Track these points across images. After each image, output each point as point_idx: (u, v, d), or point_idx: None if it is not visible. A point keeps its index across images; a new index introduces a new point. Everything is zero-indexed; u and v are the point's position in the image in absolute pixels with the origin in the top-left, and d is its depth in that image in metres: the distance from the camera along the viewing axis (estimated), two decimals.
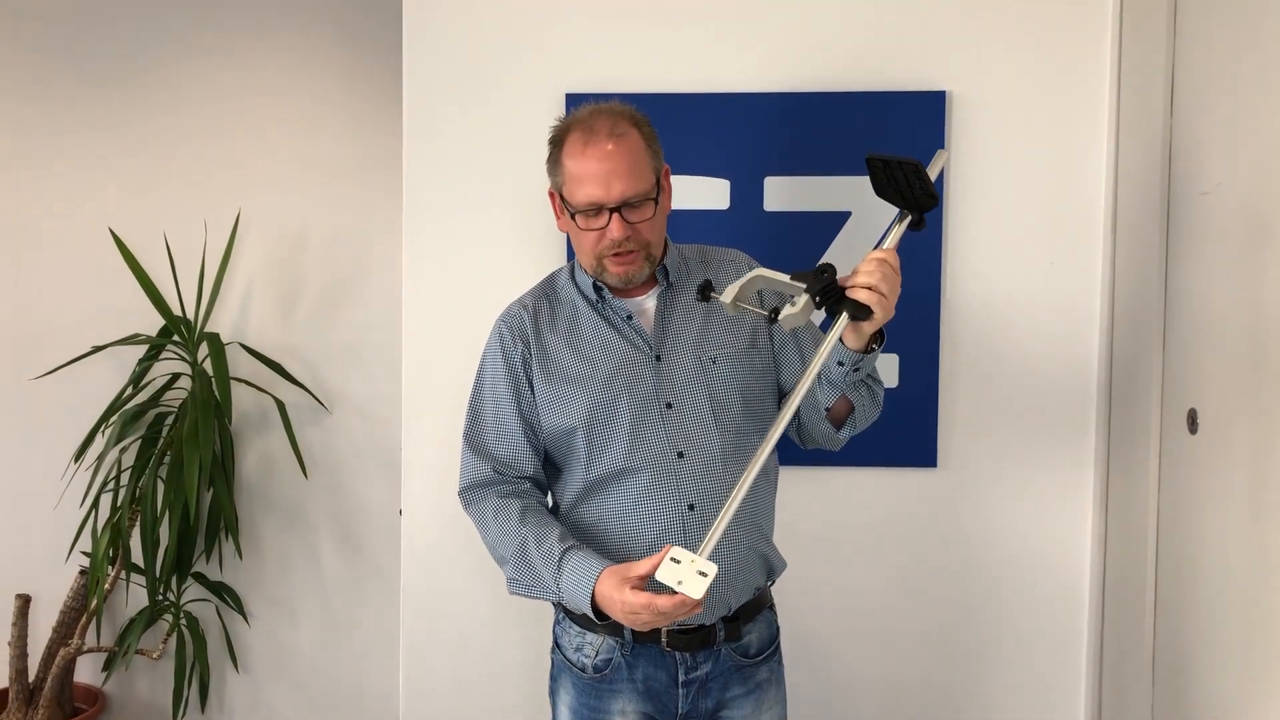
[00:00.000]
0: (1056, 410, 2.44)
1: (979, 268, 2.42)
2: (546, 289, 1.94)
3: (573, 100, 2.38)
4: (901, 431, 2.40)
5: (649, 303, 1.85)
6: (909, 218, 1.68)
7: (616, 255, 1.77)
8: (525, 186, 2.43)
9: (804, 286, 1.57)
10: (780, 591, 1.99)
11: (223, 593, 3.38)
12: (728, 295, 1.63)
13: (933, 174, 1.67)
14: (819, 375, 1.72)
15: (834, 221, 2.40)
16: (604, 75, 2.41)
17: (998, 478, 2.45)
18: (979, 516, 2.47)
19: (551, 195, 1.86)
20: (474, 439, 1.90)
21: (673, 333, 1.83)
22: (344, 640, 3.43)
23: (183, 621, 3.29)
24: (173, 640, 3.28)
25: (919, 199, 1.65)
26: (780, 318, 1.59)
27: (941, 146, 2.37)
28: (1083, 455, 2.44)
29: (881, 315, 1.59)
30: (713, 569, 1.53)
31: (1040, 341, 2.43)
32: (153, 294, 3.21)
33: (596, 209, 1.75)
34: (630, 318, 1.84)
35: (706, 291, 1.67)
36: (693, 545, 1.73)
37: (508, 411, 1.87)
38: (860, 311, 1.57)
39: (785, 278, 1.61)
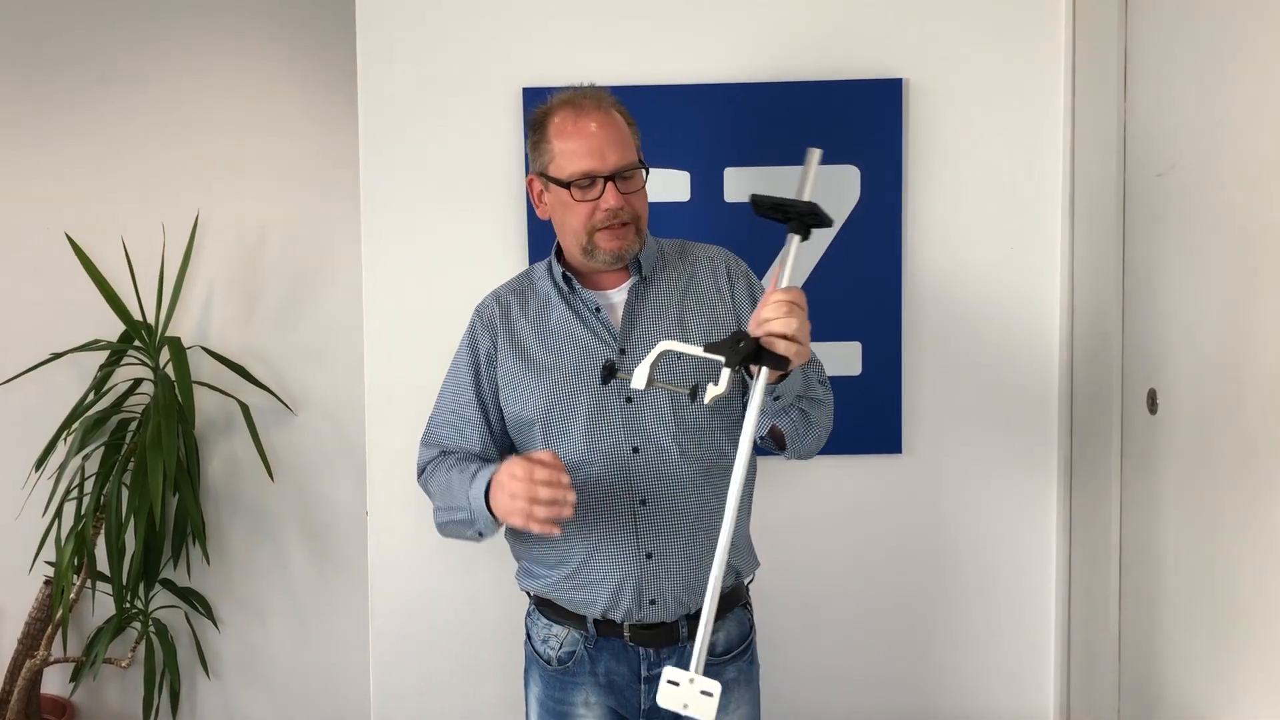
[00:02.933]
0: (1019, 394, 2.45)
1: (939, 254, 2.43)
2: (524, 280, 1.93)
3: (530, 95, 2.38)
4: (866, 419, 2.42)
5: (619, 296, 1.84)
6: (797, 238, 1.58)
7: (610, 229, 1.75)
8: (484, 183, 2.42)
9: (722, 360, 1.50)
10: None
11: (191, 598, 3.34)
12: (639, 379, 1.54)
13: (809, 177, 1.61)
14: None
15: None
16: (561, 69, 2.39)
17: (963, 462, 2.47)
18: (945, 501, 2.48)
19: (530, 182, 1.84)
20: (427, 434, 1.93)
21: (641, 327, 1.81)
22: (315, 643, 3.40)
23: (151, 629, 3.25)
24: (141, 648, 3.23)
25: (807, 221, 1.57)
26: (707, 399, 1.53)
27: (899, 133, 2.38)
28: (1046, 438, 2.46)
29: (800, 360, 1.54)
30: (716, 688, 1.47)
31: (1002, 326, 2.44)
32: (112, 299, 3.16)
33: (590, 179, 1.74)
34: (599, 310, 1.82)
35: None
36: (645, 541, 1.75)
37: (466, 398, 1.87)
38: (780, 363, 1.52)
39: (698, 350, 1.52)
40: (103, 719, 3.43)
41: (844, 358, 2.42)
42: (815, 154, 1.56)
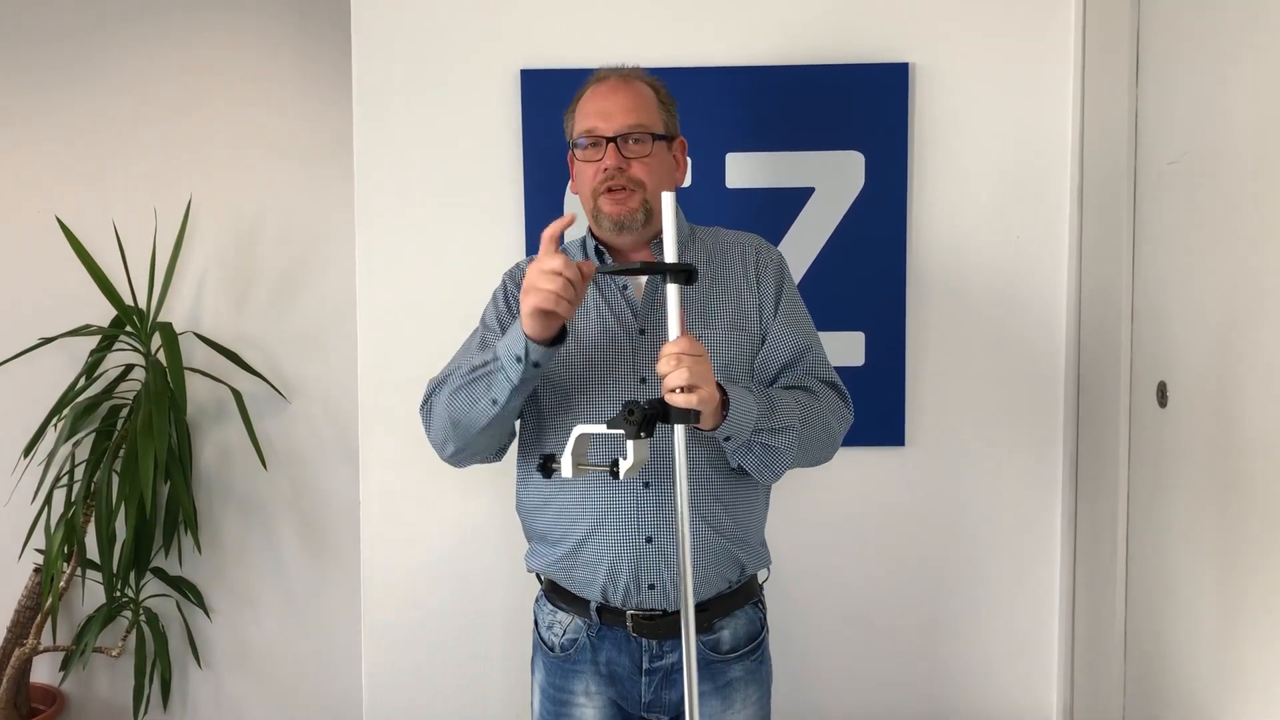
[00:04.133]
0: (1025, 385, 2.42)
1: (944, 243, 2.39)
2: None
3: (528, 77, 2.35)
4: (869, 410, 2.37)
5: (643, 278, 1.81)
6: (675, 287, 1.54)
7: (611, 193, 1.73)
8: (482, 168, 2.39)
9: (621, 433, 1.52)
10: None
11: (183, 587, 3.30)
12: (565, 469, 1.59)
13: (670, 225, 1.53)
14: None
15: (797, 198, 2.37)
16: (560, 51, 2.35)
17: (967, 455, 2.44)
18: (949, 494, 2.45)
19: (571, 159, 1.83)
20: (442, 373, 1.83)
21: (662, 309, 1.76)
22: (308, 633, 3.36)
23: (142, 618, 3.22)
24: (132, 637, 3.20)
25: (687, 270, 1.54)
26: (621, 473, 1.56)
27: (904, 119, 2.35)
28: (1052, 430, 2.43)
29: (705, 405, 1.53)
30: None
31: (1007, 316, 2.41)
32: (103, 283, 3.12)
33: (593, 139, 1.74)
34: (625, 288, 1.80)
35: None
36: (645, 525, 1.73)
37: (492, 339, 1.79)
38: (689, 417, 1.52)
39: (602, 428, 1.57)
40: (93, 708, 3.40)
41: (847, 348, 2.39)
42: (669, 198, 1.52)
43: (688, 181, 2.35)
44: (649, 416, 1.51)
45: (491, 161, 2.39)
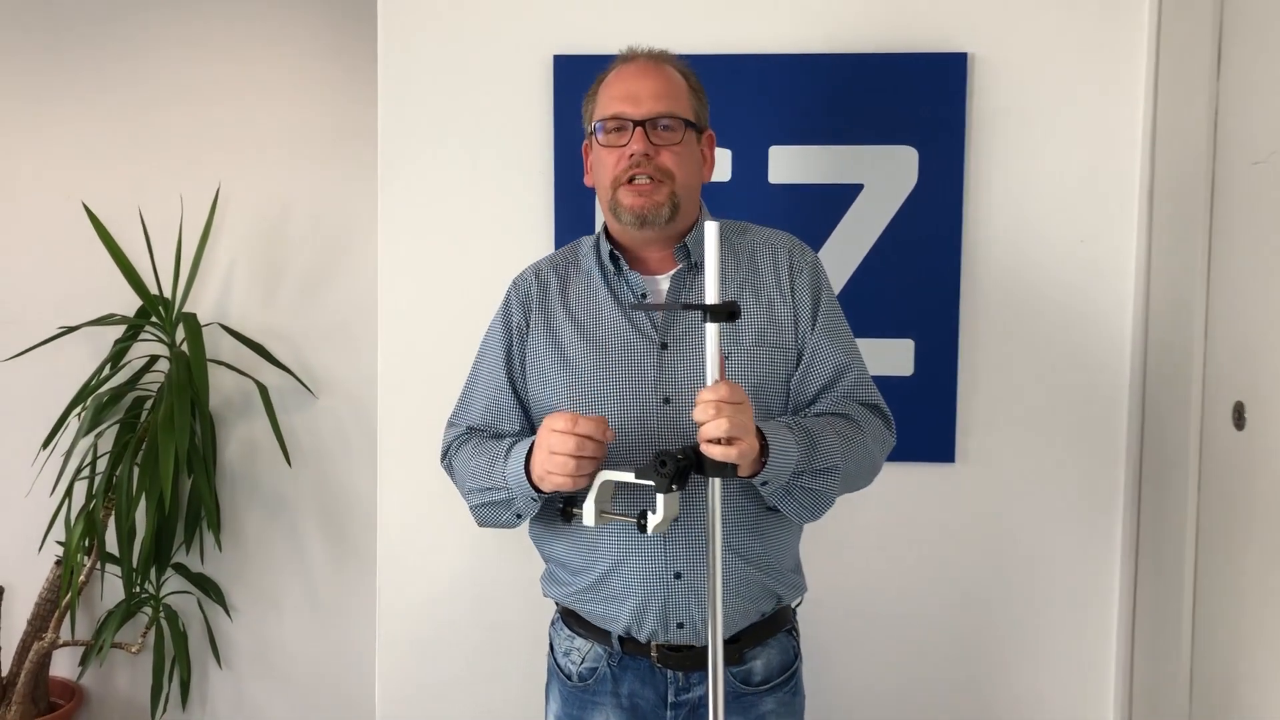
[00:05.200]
0: (1085, 401, 2.31)
1: (1002, 245, 2.29)
2: (569, 254, 1.78)
3: (561, 63, 2.28)
4: (917, 424, 2.27)
5: (665, 283, 1.67)
6: (716, 326, 1.41)
7: (633, 183, 1.60)
8: (510, 157, 2.33)
9: (651, 484, 1.41)
10: None
11: (204, 585, 3.27)
12: (588, 516, 1.50)
13: (713, 257, 1.39)
14: None
15: (845, 195, 2.28)
16: (595, 36, 2.27)
17: (1021, 474, 2.33)
18: (1000, 517, 2.34)
19: (586, 149, 1.72)
20: (456, 414, 1.79)
21: (686, 320, 1.64)
22: (330, 634, 3.31)
23: (162, 614, 3.18)
24: (151, 634, 3.17)
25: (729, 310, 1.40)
26: (650, 529, 1.46)
27: (962, 112, 2.24)
28: (1113, 452, 2.31)
29: (745, 459, 1.41)
30: None
31: (1068, 327, 2.30)
32: (128, 272, 3.08)
33: (620, 123, 1.61)
34: (644, 297, 1.66)
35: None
36: (674, 560, 1.61)
37: (497, 378, 1.72)
38: (726, 470, 1.40)
39: (629, 476, 1.45)
40: (111, 704, 3.37)
41: (894, 356, 2.27)
42: (712, 229, 1.38)
43: (724, 176, 2.25)
44: (682, 468, 1.40)
45: (521, 152, 2.32)
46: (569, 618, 1.74)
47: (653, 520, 1.45)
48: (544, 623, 1.84)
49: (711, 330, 1.40)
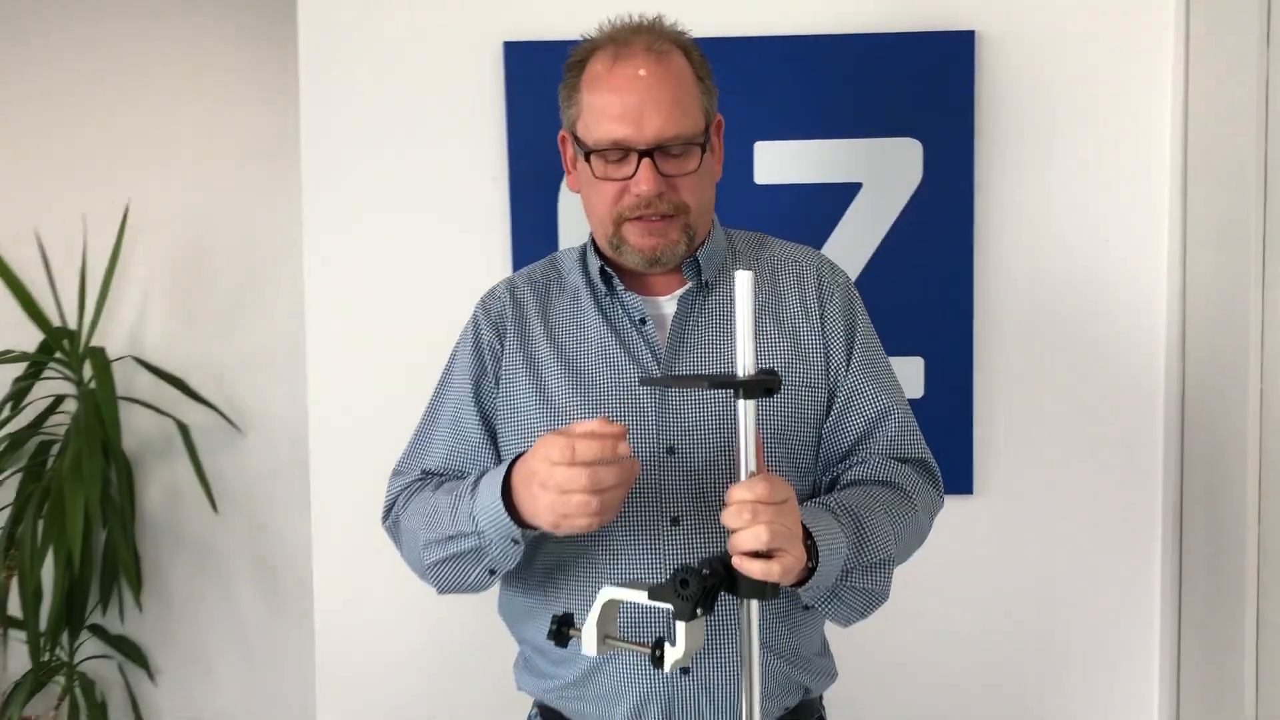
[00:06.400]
0: (1116, 424, 2.18)
1: (1018, 250, 2.16)
2: (549, 270, 1.52)
3: (513, 50, 2.09)
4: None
5: (669, 305, 1.43)
6: (751, 404, 1.16)
7: (642, 220, 1.35)
8: (456, 160, 2.16)
9: (670, 608, 1.15)
10: None
11: (125, 647, 3.03)
12: (588, 644, 1.22)
13: (746, 311, 1.14)
14: None
15: (841, 195, 2.12)
16: (552, 18, 2.10)
17: (1046, 506, 2.19)
18: (1024, 552, 2.20)
19: (563, 140, 1.45)
20: (404, 461, 1.51)
21: (694, 351, 1.40)
22: (266, 696, 3.09)
23: (76, 683, 2.93)
24: (65, 706, 2.91)
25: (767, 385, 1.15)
26: (667, 665, 1.16)
27: (969, 99, 2.08)
28: (1149, 477, 2.16)
29: (787, 578, 1.15)
30: None
31: (1096, 339, 2.17)
32: (27, 303, 2.85)
33: (621, 152, 1.33)
34: (644, 322, 1.40)
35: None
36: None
37: (465, 414, 1.45)
38: (765, 591, 1.13)
39: (640, 597, 1.18)
40: None
41: (903, 376, 2.02)
42: (745, 277, 1.12)
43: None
44: (710, 589, 1.13)
45: (468, 154, 2.14)
46: (550, 717, 1.46)
47: (670, 654, 1.17)
48: (512, 685, 1.58)
49: (746, 409, 1.13)
